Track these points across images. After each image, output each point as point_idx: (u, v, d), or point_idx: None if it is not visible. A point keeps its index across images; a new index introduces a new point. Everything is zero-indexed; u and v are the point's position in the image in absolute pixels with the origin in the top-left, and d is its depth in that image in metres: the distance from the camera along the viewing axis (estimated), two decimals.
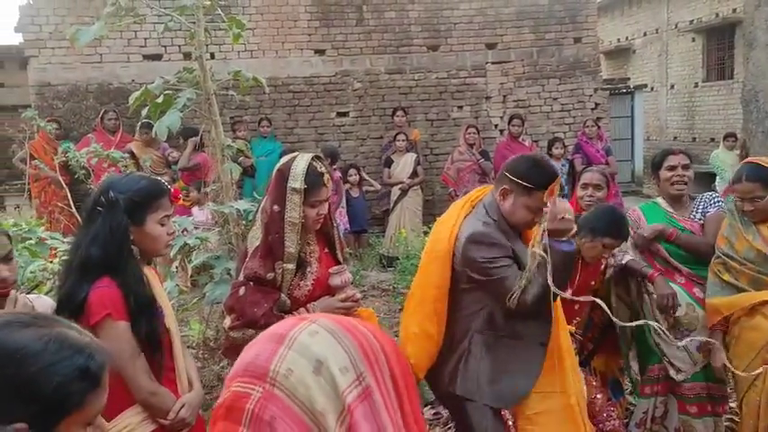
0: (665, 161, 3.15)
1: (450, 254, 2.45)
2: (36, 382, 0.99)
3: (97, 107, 7.87)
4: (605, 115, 9.19)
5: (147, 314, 1.97)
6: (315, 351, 0.87)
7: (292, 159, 2.33)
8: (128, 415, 1.94)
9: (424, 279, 2.57)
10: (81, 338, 1.07)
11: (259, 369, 0.87)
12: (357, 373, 0.87)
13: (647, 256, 3.12)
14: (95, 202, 2.02)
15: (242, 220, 3.54)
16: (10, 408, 0.98)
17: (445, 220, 2.60)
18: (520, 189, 2.36)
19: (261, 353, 0.89)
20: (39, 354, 1.00)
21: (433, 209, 8.38)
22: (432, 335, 2.52)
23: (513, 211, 2.40)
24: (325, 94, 8.45)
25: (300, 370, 0.86)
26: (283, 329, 0.92)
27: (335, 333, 0.89)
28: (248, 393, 0.86)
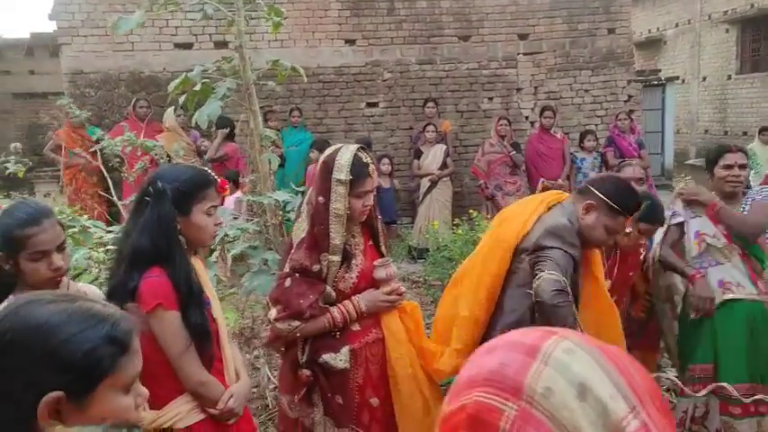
0: (721, 158, 3.08)
1: (513, 248, 2.45)
2: (64, 352, 1.03)
3: (128, 95, 7.93)
4: (638, 108, 9.03)
5: (196, 304, 1.97)
6: (576, 372, 0.75)
7: (337, 151, 2.31)
8: (177, 404, 1.95)
9: (482, 266, 2.56)
10: (104, 309, 1.11)
11: (509, 381, 0.76)
12: (629, 404, 0.74)
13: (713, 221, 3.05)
14: (144, 192, 2.02)
15: (279, 211, 3.54)
16: (44, 379, 1.01)
17: (516, 213, 2.60)
18: (605, 208, 2.37)
19: (508, 363, 0.78)
20: (63, 325, 1.04)
21: (462, 200, 8.34)
22: (480, 321, 2.54)
23: (593, 227, 2.40)
24: (355, 85, 8.41)
25: (562, 391, 0.74)
26: (530, 340, 0.79)
27: (593, 354, 0.77)
28: (499, 408, 0.75)
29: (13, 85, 13.51)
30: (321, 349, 2.31)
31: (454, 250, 5.29)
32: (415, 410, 2.40)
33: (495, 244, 2.56)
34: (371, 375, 2.38)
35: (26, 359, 1.02)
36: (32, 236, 1.79)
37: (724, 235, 3.02)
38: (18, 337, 1.02)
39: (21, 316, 1.05)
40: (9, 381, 1.01)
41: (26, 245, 1.79)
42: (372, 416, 2.38)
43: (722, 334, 3.03)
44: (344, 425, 2.33)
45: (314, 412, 2.36)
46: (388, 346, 2.40)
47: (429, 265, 5.88)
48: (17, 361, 1.01)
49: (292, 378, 2.38)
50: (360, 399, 2.36)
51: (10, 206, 1.88)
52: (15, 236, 1.79)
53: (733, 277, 3.02)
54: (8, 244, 1.81)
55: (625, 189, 2.43)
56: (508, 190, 7.34)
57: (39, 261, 1.81)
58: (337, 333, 2.33)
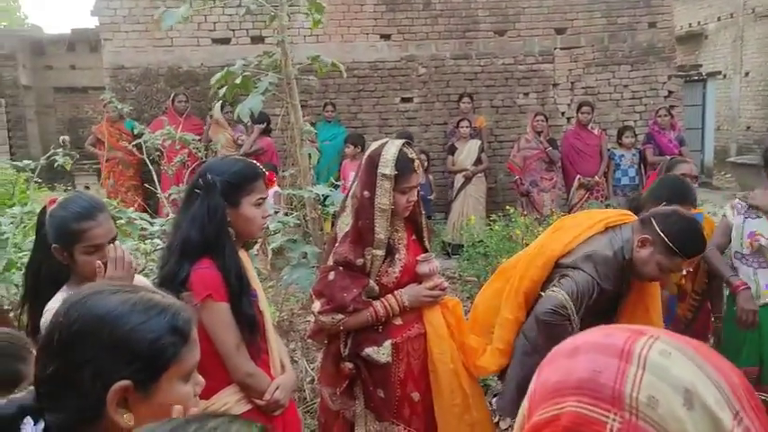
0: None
1: (556, 258, 2.46)
2: (132, 341, 1.05)
3: (167, 90, 8.05)
4: (679, 104, 8.84)
5: (245, 296, 2.00)
6: (678, 376, 0.69)
7: (382, 145, 2.32)
8: (225, 394, 1.98)
9: (525, 269, 2.56)
10: (164, 299, 1.13)
11: (606, 390, 0.70)
12: (732, 410, 0.69)
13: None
14: (194, 184, 2.06)
15: (318, 205, 3.57)
16: (114, 367, 1.04)
17: (572, 226, 2.60)
18: (662, 247, 2.30)
19: (601, 369, 0.71)
20: (128, 315, 1.06)
21: (496, 196, 8.28)
22: (521, 322, 2.56)
23: (646, 262, 2.35)
24: (390, 80, 8.41)
25: (667, 400, 0.68)
26: (619, 341, 0.73)
27: (691, 355, 0.72)
28: (600, 420, 0.69)
29: (55, 79, 13.79)
30: (364, 343, 2.32)
31: (490, 246, 5.26)
32: (454, 406, 2.40)
33: (541, 250, 2.57)
34: (413, 370, 2.38)
35: (95, 349, 1.04)
36: (88, 230, 1.84)
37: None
38: (86, 328, 1.05)
39: (87, 307, 1.07)
40: (78, 370, 1.03)
41: (81, 238, 1.84)
42: (413, 410, 2.38)
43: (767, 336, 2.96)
44: (385, 418, 2.35)
45: (355, 405, 2.38)
46: (429, 342, 2.40)
47: (464, 260, 5.85)
48: (86, 351, 1.04)
49: (334, 371, 2.40)
50: (401, 393, 2.37)
51: (65, 199, 1.92)
52: (71, 229, 1.83)
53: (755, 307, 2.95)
54: (64, 237, 1.85)
55: (688, 230, 2.32)
56: (544, 186, 7.26)
57: (92, 254, 1.85)
58: (380, 327, 2.34)
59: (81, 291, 1.12)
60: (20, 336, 1.32)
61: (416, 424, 2.38)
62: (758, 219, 3.02)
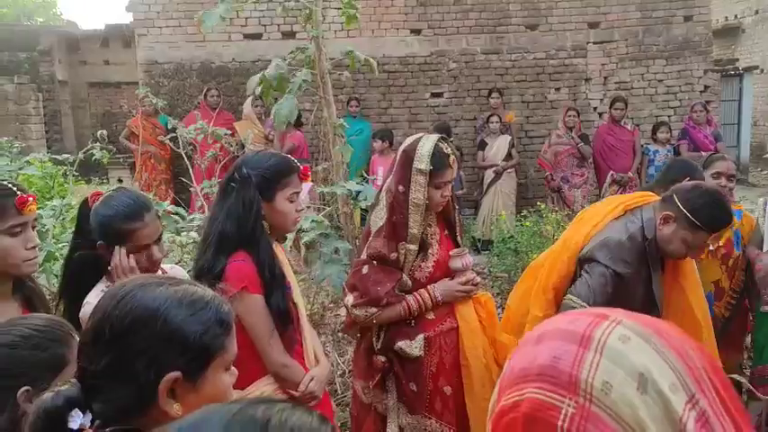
0: None
1: (579, 249, 2.44)
2: (182, 334, 1.08)
3: (199, 85, 8.15)
4: (715, 99, 8.65)
5: (279, 289, 2.02)
6: (634, 361, 0.70)
7: (417, 140, 2.32)
8: (261, 384, 2.01)
9: (551, 265, 2.55)
10: (206, 292, 1.16)
11: (564, 376, 0.71)
12: (688, 393, 0.70)
13: None
14: (230, 178, 2.09)
15: (350, 200, 3.58)
16: (167, 358, 1.06)
17: (592, 215, 2.58)
18: (686, 222, 2.26)
19: (561, 356, 0.73)
20: (177, 308, 1.09)
21: (526, 192, 8.22)
22: (540, 318, 2.51)
23: (670, 239, 2.32)
24: (420, 75, 8.38)
25: (621, 384, 0.69)
26: (580, 327, 0.74)
27: (649, 339, 0.72)
28: (556, 406, 0.71)
29: (89, 74, 14.06)
30: (396, 336, 2.34)
31: (520, 242, 5.23)
32: (485, 400, 2.39)
33: (566, 244, 2.55)
34: (445, 364, 2.39)
35: (149, 340, 1.07)
36: (136, 230, 1.85)
37: None
38: (140, 320, 1.07)
39: (138, 299, 1.09)
40: (132, 362, 1.06)
41: (129, 239, 1.85)
42: (444, 404, 2.39)
43: None
44: (417, 412, 2.36)
45: (387, 398, 2.40)
46: (462, 336, 2.41)
47: (494, 256, 5.83)
48: (141, 342, 1.06)
49: (367, 364, 2.42)
50: (433, 386, 2.37)
51: (109, 197, 1.92)
52: (118, 229, 1.84)
53: None
54: (110, 236, 1.85)
55: (712, 203, 2.26)
56: (575, 182, 7.18)
57: (138, 253, 1.87)
58: (412, 321, 2.35)
59: (126, 284, 1.14)
60: (64, 321, 1.35)
61: (448, 418, 2.39)
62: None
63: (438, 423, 2.37)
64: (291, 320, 2.06)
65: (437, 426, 2.37)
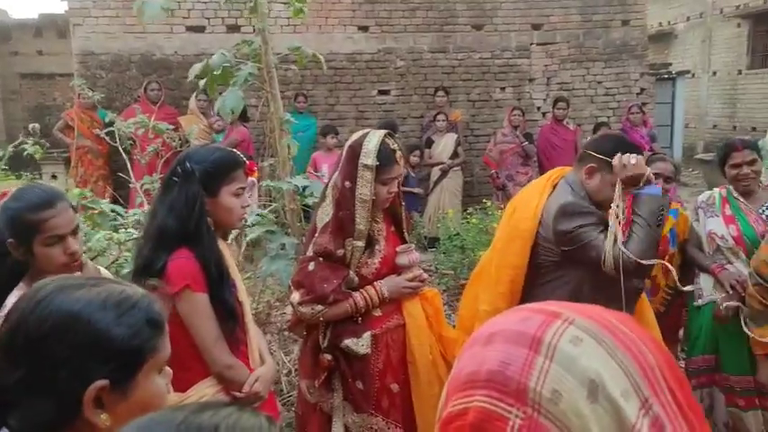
0: (728, 158, 3.05)
1: (534, 233, 2.41)
2: (108, 338, 0.99)
3: (140, 78, 7.89)
4: (651, 101, 8.97)
5: (224, 286, 1.97)
6: (585, 367, 0.66)
7: (364, 136, 2.31)
8: (203, 386, 1.94)
9: (501, 258, 2.53)
10: (134, 290, 1.08)
11: (513, 384, 0.67)
12: (641, 398, 0.66)
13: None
14: (172, 172, 2.01)
15: (297, 196, 3.53)
16: (92, 367, 0.98)
17: (525, 199, 2.56)
18: (606, 167, 2.31)
19: (510, 361, 0.68)
20: (101, 311, 1.00)
21: (472, 190, 8.31)
22: (489, 313, 2.49)
23: (599, 189, 2.35)
24: (368, 72, 8.36)
25: (570, 393, 0.65)
26: (531, 328, 0.70)
27: (602, 340, 0.68)
28: (503, 416, 0.67)
29: (21, 65, 13.46)
30: (343, 334, 2.31)
31: (467, 239, 5.28)
32: (432, 397, 2.40)
33: (512, 234, 2.52)
34: (392, 361, 2.38)
35: (68, 348, 0.98)
36: (47, 220, 1.72)
37: (733, 237, 3.02)
38: (58, 326, 0.98)
39: (57, 304, 1.00)
40: (52, 372, 0.97)
41: (41, 229, 1.71)
42: (391, 401, 2.38)
43: (722, 327, 3.03)
44: (364, 410, 2.33)
45: (333, 397, 2.37)
46: (409, 333, 2.40)
47: (440, 253, 5.87)
48: (59, 351, 0.97)
49: (313, 363, 2.38)
50: (380, 384, 2.36)
51: (18, 191, 1.79)
52: (28, 221, 1.71)
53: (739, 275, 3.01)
54: (20, 230, 1.72)
55: (619, 143, 2.37)
56: (519, 180, 7.30)
57: (54, 246, 1.74)
58: (359, 318, 2.33)
59: (41, 287, 1.04)
60: None
61: (395, 415, 2.38)
62: (715, 218, 3.10)
63: (384, 421, 2.35)
64: (237, 319, 2.00)
65: (383, 424, 2.35)
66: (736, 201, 3.09)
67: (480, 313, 2.55)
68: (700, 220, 3.17)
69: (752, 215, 3.03)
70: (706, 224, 3.13)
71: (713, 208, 3.14)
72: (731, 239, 3.03)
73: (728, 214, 3.07)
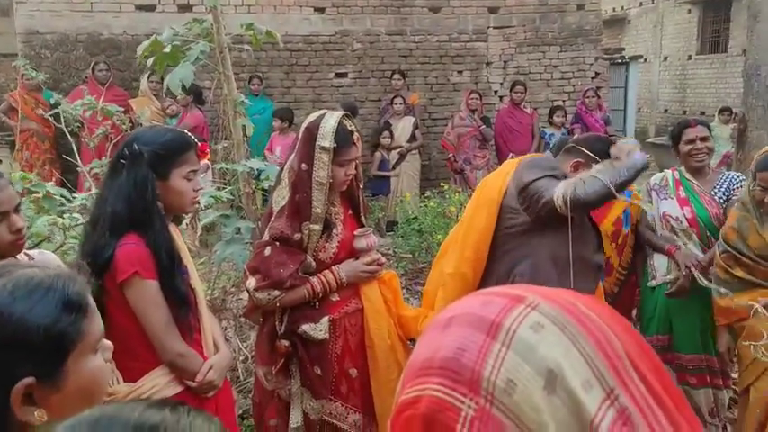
0: (682, 134, 3.12)
1: (499, 203, 2.43)
2: (22, 335, 0.93)
3: (87, 58, 7.61)
4: (605, 85, 9.11)
5: (176, 273, 1.90)
6: (544, 355, 0.62)
7: (321, 117, 2.26)
8: (154, 376, 1.89)
9: (468, 226, 2.54)
10: (47, 273, 1.00)
11: (466, 372, 0.63)
12: (605, 388, 0.62)
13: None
14: (120, 155, 1.93)
15: (252, 179, 3.45)
16: (10, 366, 0.91)
17: (494, 176, 2.60)
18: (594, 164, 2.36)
19: (466, 346, 0.64)
20: (11, 304, 0.93)
21: (429, 174, 8.32)
22: (468, 278, 2.51)
23: None
24: (324, 54, 8.25)
25: (526, 384, 0.61)
26: (492, 313, 0.65)
27: (565, 326, 0.63)
28: (456, 407, 0.62)
29: None
30: (300, 320, 2.27)
31: (424, 223, 5.28)
32: (391, 381, 2.39)
33: (479, 203, 2.55)
34: (350, 346, 2.36)
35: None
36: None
37: (687, 219, 3.08)
38: None
39: None
40: None
41: None
42: (350, 386, 2.36)
43: (676, 307, 3.10)
44: (322, 396, 2.31)
45: (290, 383, 2.34)
46: (367, 317, 2.38)
47: (398, 237, 5.86)
48: None
49: (270, 349, 2.34)
50: (338, 369, 2.34)
51: None
52: None
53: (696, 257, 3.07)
54: None
55: (607, 145, 2.45)
56: (477, 164, 7.35)
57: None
58: (316, 303, 2.29)
59: None
60: None
61: (353, 400, 2.36)
62: (669, 200, 3.15)
63: (343, 406, 2.33)
64: (189, 306, 1.94)
65: (342, 409, 2.33)
66: (690, 182, 3.14)
67: (445, 278, 2.56)
68: (653, 201, 3.21)
69: (705, 197, 3.09)
70: (659, 206, 3.18)
71: (667, 190, 3.18)
72: (685, 221, 3.08)
73: (683, 196, 3.12)
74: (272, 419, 2.39)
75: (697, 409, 3.17)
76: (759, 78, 6.37)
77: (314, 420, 2.33)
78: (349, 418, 2.35)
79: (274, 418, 2.38)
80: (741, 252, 2.64)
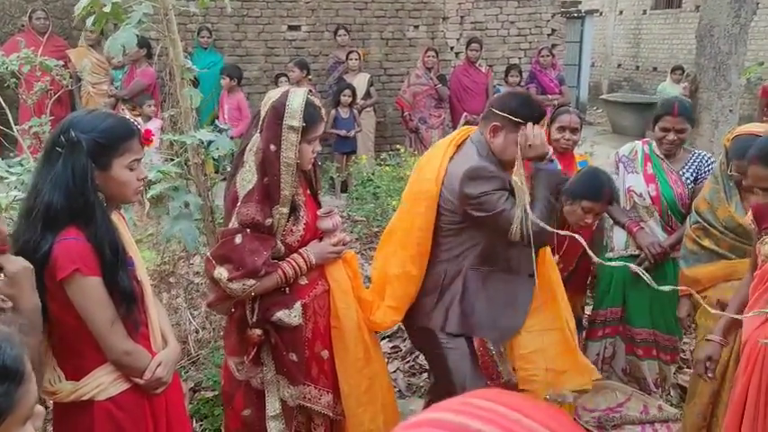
0: (660, 120, 3.05)
1: (437, 196, 2.41)
2: None
3: (22, 4, 7.15)
4: (561, 42, 9.08)
5: (120, 267, 1.82)
6: None
7: (285, 95, 2.18)
8: (99, 374, 1.82)
9: (407, 222, 2.53)
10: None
11: None
12: None
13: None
14: (54, 141, 1.80)
15: (202, 149, 3.32)
16: None
17: (429, 161, 2.54)
18: (511, 125, 2.33)
19: None
20: None
21: (384, 131, 8.23)
22: (414, 276, 2.53)
23: (504, 147, 2.36)
24: (276, 5, 7.93)
25: None
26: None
27: None
28: None
29: None
30: (272, 307, 2.22)
31: (381, 186, 5.23)
32: (358, 360, 2.40)
33: (416, 196, 2.53)
34: (319, 328, 2.34)
35: None
36: None
37: (651, 196, 3.08)
38: None
39: None
40: None
41: None
42: (320, 368, 2.36)
43: (630, 282, 3.15)
44: (298, 381, 2.28)
45: (263, 371, 2.30)
46: (334, 298, 2.36)
47: (353, 199, 5.81)
48: None
49: (240, 339, 2.30)
50: (309, 353, 2.32)
51: None
52: None
53: (651, 232, 3.11)
54: None
55: (522, 101, 2.39)
56: (432, 123, 7.29)
57: None
58: (286, 289, 2.25)
59: None
60: None
61: (324, 381, 2.36)
62: (635, 174, 3.14)
63: (317, 389, 2.33)
64: (135, 301, 1.87)
65: (316, 392, 2.33)
66: (659, 159, 3.11)
67: (391, 277, 2.57)
68: (619, 173, 3.18)
69: (672, 175, 3.07)
70: (625, 180, 3.16)
71: (634, 164, 3.15)
72: (649, 198, 3.08)
73: (650, 173, 3.10)
74: (245, 410, 2.35)
75: (643, 379, 3.30)
76: (712, 40, 6.40)
77: (291, 407, 2.31)
78: (322, 399, 2.35)
79: (247, 408, 2.35)
80: (710, 223, 2.66)
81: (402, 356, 3.85)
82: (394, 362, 3.77)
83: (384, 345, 3.93)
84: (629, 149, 3.23)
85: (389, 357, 3.80)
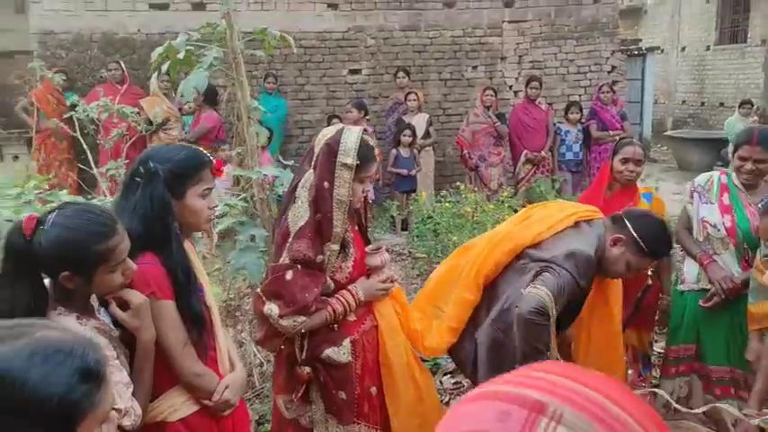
0: (739, 149, 2.93)
1: (523, 248, 2.44)
2: (36, 402, 0.91)
3: (102, 57, 7.64)
4: (621, 78, 8.98)
5: (192, 292, 1.89)
6: None
7: (340, 133, 2.21)
8: (171, 395, 1.88)
9: (489, 252, 2.53)
10: (65, 337, 0.97)
11: None
12: None
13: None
14: (134, 172, 1.91)
15: (267, 186, 3.44)
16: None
17: (544, 218, 2.56)
18: (635, 247, 2.34)
19: None
20: (27, 371, 0.91)
21: (444, 170, 8.28)
22: (474, 304, 2.55)
23: (616, 260, 2.37)
24: (338, 51, 8.20)
25: None
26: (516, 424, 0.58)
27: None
28: None
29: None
30: (321, 344, 2.22)
31: (440, 223, 5.24)
32: (408, 398, 2.37)
33: (508, 236, 2.54)
34: (369, 364, 2.33)
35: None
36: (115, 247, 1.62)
37: (726, 228, 2.96)
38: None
39: None
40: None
41: (107, 259, 1.61)
42: (371, 405, 2.34)
43: (705, 317, 3.02)
44: (348, 420, 2.26)
45: (312, 410, 2.29)
46: (382, 334, 2.35)
47: (414, 237, 5.83)
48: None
49: (289, 377, 2.30)
50: (360, 390, 2.30)
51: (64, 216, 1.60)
52: (95, 252, 1.58)
53: (725, 266, 2.99)
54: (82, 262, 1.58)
55: (659, 233, 2.40)
56: (492, 161, 7.29)
57: (116, 272, 1.66)
58: (335, 326, 2.25)
59: None
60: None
61: (374, 418, 2.33)
62: (709, 205, 3.03)
63: (367, 426, 2.31)
64: (205, 326, 1.93)
65: (366, 430, 2.31)
66: (737, 190, 2.98)
67: (460, 299, 2.56)
68: (693, 203, 3.09)
69: (750, 208, 2.94)
70: (699, 209, 3.06)
71: (710, 194, 3.05)
72: (724, 230, 2.95)
73: (726, 204, 2.98)
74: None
75: (722, 421, 3.12)
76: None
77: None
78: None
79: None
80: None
81: (464, 393, 3.79)
82: (457, 398, 3.71)
83: (446, 380, 3.88)
84: (705, 179, 3.12)
85: (451, 394, 3.74)
